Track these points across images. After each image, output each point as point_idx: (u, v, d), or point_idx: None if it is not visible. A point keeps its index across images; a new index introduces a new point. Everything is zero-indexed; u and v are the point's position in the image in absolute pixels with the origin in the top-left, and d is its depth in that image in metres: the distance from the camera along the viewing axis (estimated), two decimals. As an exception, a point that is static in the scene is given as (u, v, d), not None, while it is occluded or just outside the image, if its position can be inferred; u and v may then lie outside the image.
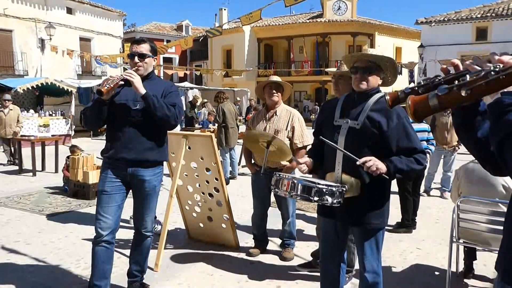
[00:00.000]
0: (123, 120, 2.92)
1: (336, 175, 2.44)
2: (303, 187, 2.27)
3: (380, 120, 2.38)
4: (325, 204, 2.27)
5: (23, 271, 3.76)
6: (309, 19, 30.18)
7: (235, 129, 8.31)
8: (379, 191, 2.45)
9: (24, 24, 20.60)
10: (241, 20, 6.89)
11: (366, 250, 2.48)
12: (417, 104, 1.30)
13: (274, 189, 2.41)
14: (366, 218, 2.43)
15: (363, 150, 2.34)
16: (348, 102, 2.56)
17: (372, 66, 2.44)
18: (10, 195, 6.82)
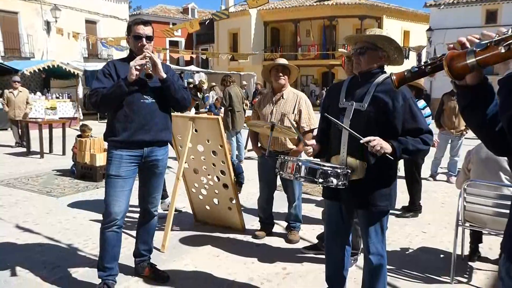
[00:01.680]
0: (137, 102, 2.90)
1: (341, 158, 2.44)
2: (308, 169, 2.28)
3: (385, 101, 2.35)
4: (330, 186, 2.27)
5: (32, 251, 3.82)
6: (316, 2, 29.77)
7: (242, 112, 8.29)
8: (385, 173, 2.43)
9: (29, 6, 20.50)
10: (248, 3, 6.81)
11: (371, 233, 2.48)
12: (454, 60, 1.24)
13: (279, 171, 2.42)
14: (372, 200, 2.42)
15: (369, 132, 2.32)
16: (353, 84, 2.54)
17: (365, 47, 2.42)
18: (18, 176, 6.89)
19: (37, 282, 3.20)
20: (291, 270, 3.50)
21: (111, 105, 2.91)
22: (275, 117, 3.96)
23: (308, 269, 3.52)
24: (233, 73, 22.86)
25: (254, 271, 3.47)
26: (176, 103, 3.06)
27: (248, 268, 3.52)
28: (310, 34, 29.02)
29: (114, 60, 3.11)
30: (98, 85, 2.91)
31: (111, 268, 3.01)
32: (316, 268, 3.51)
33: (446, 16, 22.76)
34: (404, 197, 5.13)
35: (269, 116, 3.99)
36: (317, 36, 29.78)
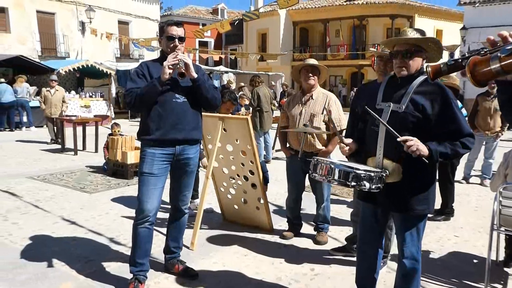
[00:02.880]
0: (169, 101, 2.97)
1: (377, 160, 2.40)
2: (341, 172, 2.24)
3: (424, 103, 2.30)
4: (363, 189, 2.24)
5: (67, 244, 3.95)
6: (346, 1, 29.47)
7: (270, 113, 8.31)
8: (423, 176, 2.37)
9: (65, 7, 21.15)
10: (278, 4, 6.80)
11: (406, 237, 2.43)
12: (477, 66, 1.21)
13: (312, 173, 2.40)
14: (409, 204, 2.37)
15: (406, 134, 2.26)
16: (390, 85, 2.49)
17: (413, 49, 2.35)
18: (54, 172, 7.13)
19: (72, 275, 3.31)
20: (319, 271, 3.49)
21: (145, 105, 2.97)
22: (304, 118, 3.95)
23: (337, 271, 3.50)
24: (262, 73, 22.94)
25: (282, 271, 3.48)
26: (206, 102, 3.12)
27: (276, 268, 3.53)
28: (340, 34, 28.78)
29: (147, 61, 3.18)
30: (132, 85, 2.98)
31: (142, 264, 3.08)
32: (345, 270, 3.49)
33: (481, 14, 22.07)
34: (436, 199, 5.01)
35: (298, 117, 3.99)
36: (346, 36, 29.48)
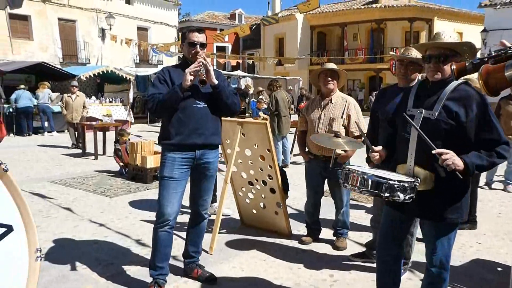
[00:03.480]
0: (190, 107, 2.99)
1: (408, 167, 2.32)
2: (373, 183, 2.18)
3: (457, 110, 2.20)
4: (396, 200, 2.16)
5: (87, 247, 4.00)
6: (363, 5, 29.33)
7: (288, 117, 8.30)
8: (456, 184, 2.27)
9: (86, 14, 21.60)
10: (298, 8, 6.81)
11: (437, 245, 2.35)
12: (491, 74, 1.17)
13: (343, 183, 2.34)
14: (442, 212, 2.30)
15: (438, 142, 2.19)
16: (421, 90, 2.41)
17: (447, 54, 2.26)
18: (75, 176, 7.25)
19: (93, 277, 3.35)
20: (338, 277, 3.45)
21: (166, 110, 3.00)
22: (323, 122, 3.93)
23: (356, 277, 3.46)
24: (279, 77, 22.92)
25: (301, 276, 3.46)
26: (226, 108, 3.14)
27: (294, 274, 3.51)
28: (357, 37, 28.65)
29: (168, 67, 3.21)
30: (154, 91, 3.02)
31: (162, 268, 3.10)
32: (364, 277, 3.44)
33: (502, 17, 21.69)
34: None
35: (317, 121, 3.97)
36: (364, 39, 29.33)
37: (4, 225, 1.65)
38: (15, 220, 1.69)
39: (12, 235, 1.67)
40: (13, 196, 1.69)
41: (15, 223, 1.69)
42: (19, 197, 1.71)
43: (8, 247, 1.66)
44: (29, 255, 1.76)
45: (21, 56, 18.88)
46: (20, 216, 1.71)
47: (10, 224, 1.67)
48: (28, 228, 1.74)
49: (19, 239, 1.72)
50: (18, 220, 1.70)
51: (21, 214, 1.72)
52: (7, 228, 1.67)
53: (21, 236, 1.72)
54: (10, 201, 1.68)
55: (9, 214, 1.68)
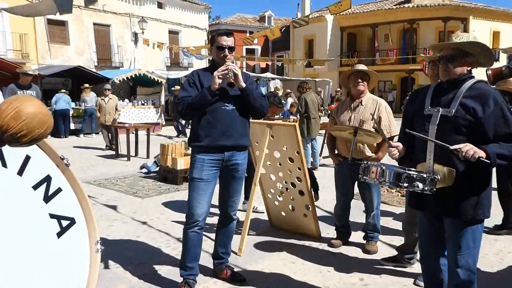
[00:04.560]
0: (219, 109, 3.04)
1: (428, 165, 2.33)
2: (392, 173, 2.22)
3: (474, 107, 2.23)
4: (416, 190, 2.19)
5: (120, 247, 4.10)
6: (395, 5, 28.80)
7: (317, 119, 8.25)
8: (476, 180, 2.28)
9: (120, 19, 22.18)
10: (329, 10, 6.75)
11: (462, 244, 2.31)
12: None
13: (362, 176, 2.38)
14: (461, 208, 2.28)
15: (457, 139, 2.21)
16: (438, 90, 2.45)
17: (455, 54, 2.31)
18: (108, 177, 7.45)
19: (125, 276, 3.44)
20: (368, 281, 3.41)
21: (196, 113, 3.06)
22: (353, 124, 3.90)
23: (387, 282, 3.40)
24: (308, 79, 22.84)
25: (330, 279, 3.43)
26: (254, 110, 3.17)
27: (324, 277, 3.49)
28: (389, 38, 28.14)
29: (198, 70, 3.26)
30: (184, 94, 3.08)
31: (192, 268, 3.15)
32: (396, 281, 3.39)
33: (543, 15, 20.86)
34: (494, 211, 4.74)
35: (347, 123, 3.94)
36: (396, 40, 28.78)
37: (67, 217, 1.74)
38: (77, 213, 1.78)
39: (74, 228, 1.76)
40: (75, 190, 1.77)
41: (77, 216, 1.78)
42: (80, 191, 1.80)
43: (71, 239, 1.74)
44: (90, 247, 1.84)
45: (58, 60, 19.57)
46: (82, 210, 1.80)
47: (72, 217, 1.76)
48: (88, 221, 1.82)
49: (81, 231, 1.80)
50: (79, 213, 1.79)
51: (82, 207, 1.80)
52: (70, 221, 1.75)
53: (83, 228, 1.80)
54: (72, 195, 1.77)
55: (72, 207, 1.77)
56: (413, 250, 3.59)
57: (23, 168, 1.60)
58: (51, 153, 1.70)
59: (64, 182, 1.74)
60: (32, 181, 1.62)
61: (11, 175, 1.57)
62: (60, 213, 1.71)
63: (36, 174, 1.64)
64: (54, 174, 1.71)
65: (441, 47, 2.43)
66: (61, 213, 1.72)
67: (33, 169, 1.59)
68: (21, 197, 1.58)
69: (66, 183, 1.75)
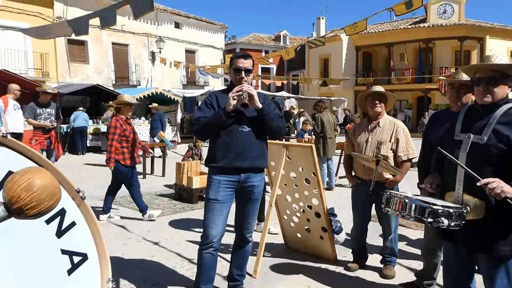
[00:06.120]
0: (235, 130, 3.04)
1: (457, 195, 2.22)
2: (416, 208, 2.11)
3: (508, 134, 2.10)
4: (441, 226, 2.07)
5: (134, 266, 4.09)
6: (411, 24, 28.83)
7: (333, 139, 8.22)
8: (508, 214, 2.11)
9: (138, 38, 22.63)
10: (345, 31, 6.80)
11: (496, 281, 2.19)
12: None
13: (385, 207, 2.30)
14: (493, 244, 2.14)
15: (488, 168, 2.10)
16: (470, 114, 2.32)
17: (498, 76, 2.18)
18: (124, 195, 7.45)
19: (139, 297, 3.41)
20: (386, 307, 3.32)
21: (210, 133, 3.09)
22: (370, 146, 3.86)
23: (406, 308, 3.31)
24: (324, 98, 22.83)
25: (347, 305, 3.36)
26: (271, 131, 3.17)
27: (340, 302, 3.41)
28: (405, 57, 28.10)
29: (216, 91, 3.29)
30: (200, 114, 3.11)
31: (206, 290, 3.11)
32: (415, 308, 3.29)
33: (562, 35, 20.61)
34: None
35: (364, 144, 3.91)
36: (411, 59, 28.71)
37: (80, 253, 1.67)
38: (90, 249, 1.71)
39: (86, 264, 1.69)
40: (89, 224, 1.72)
41: (89, 251, 1.71)
42: (94, 225, 1.73)
43: (82, 276, 1.66)
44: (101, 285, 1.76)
45: (77, 78, 19.98)
46: (95, 245, 1.73)
47: (85, 253, 1.69)
48: (101, 257, 1.75)
49: (93, 268, 1.72)
50: (92, 248, 1.72)
51: (95, 242, 1.74)
52: (82, 257, 1.68)
53: (95, 265, 1.73)
54: (86, 229, 1.71)
55: (85, 242, 1.70)
56: (432, 276, 3.50)
57: None
58: (67, 185, 1.66)
59: (78, 216, 1.69)
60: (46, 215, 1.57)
61: None
62: (72, 248, 1.65)
63: None
64: (69, 207, 1.66)
65: (478, 69, 2.27)
66: (73, 248, 1.66)
67: None
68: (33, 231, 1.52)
69: (80, 217, 1.70)
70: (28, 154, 1.56)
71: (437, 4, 27.45)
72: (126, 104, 5.70)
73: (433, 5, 27.52)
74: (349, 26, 6.87)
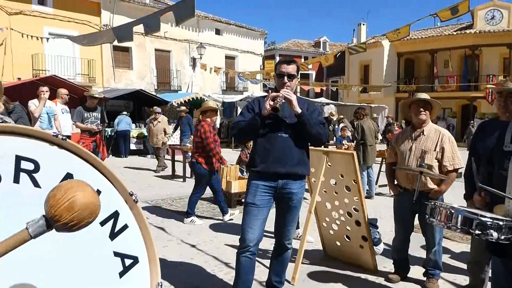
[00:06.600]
0: (274, 136, 3.06)
1: (507, 208, 2.12)
2: (463, 219, 2.03)
3: None
4: (490, 239, 1.98)
5: (175, 269, 4.16)
6: (456, 30, 27.95)
7: (374, 146, 8.07)
8: None
9: (179, 45, 23.16)
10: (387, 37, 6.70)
11: None
12: None
13: (429, 218, 2.23)
14: None
15: None
16: None
17: None
18: (165, 197, 7.65)
19: (179, 299, 3.47)
20: (429, 321, 3.22)
21: (247, 137, 3.18)
22: (414, 154, 3.77)
23: (450, 324, 3.20)
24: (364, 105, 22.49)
25: (388, 317, 3.28)
26: (311, 138, 3.14)
27: (381, 313, 3.34)
28: (449, 64, 27.20)
29: (259, 97, 3.33)
30: (240, 118, 3.17)
31: (243, 295, 3.12)
32: (460, 324, 3.17)
33: None
34: None
35: (407, 153, 3.81)
36: (456, 66, 27.77)
37: (131, 256, 1.66)
38: (141, 252, 1.70)
39: (137, 267, 1.68)
40: (141, 228, 1.72)
41: (140, 255, 1.70)
42: (145, 229, 1.73)
43: (132, 279, 1.66)
44: None
45: (121, 84, 20.67)
46: (146, 248, 1.73)
47: (136, 256, 1.68)
48: (151, 261, 1.73)
49: (143, 271, 1.71)
50: (143, 252, 1.72)
51: (146, 246, 1.73)
52: (134, 260, 1.67)
53: (145, 268, 1.72)
54: (138, 232, 1.71)
55: (136, 245, 1.70)
56: (479, 292, 3.37)
57: None
58: (120, 188, 1.68)
59: (131, 219, 1.70)
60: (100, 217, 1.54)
61: None
62: (124, 251, 1.65)
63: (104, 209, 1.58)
64: (122, 210, 1.67)
65: None
66: (125, 251, 1.66)
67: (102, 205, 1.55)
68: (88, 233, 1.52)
69: (132, 219, 1.70)
70: (86, 156, 1.60)
71: (485, 10, 26.50)
72: (212, 110, 6.13)
73: (480, 10, 26.59)
74: (391, 32, 6.76)
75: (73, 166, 1.55)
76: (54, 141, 1.53)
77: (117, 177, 1.67)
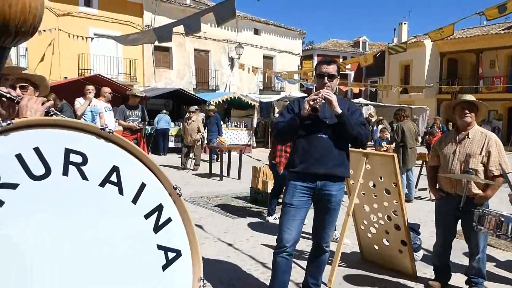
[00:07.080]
0: (314, 136, 3.05)
1: None
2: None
3: None
4: None
5: (212, 266, 4.22)
6: (503, 29, 26.72)
7: (414, 149, 7.86)
8: None
9: (218, 45, 23.39)
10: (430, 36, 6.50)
11: None
12: None
13: (477, 226, 2.16)
14: None
15: None
16: None
17: None
18: (202, 195, 7.76)
19: (216, 296, 3.52)
20: (472, 331, 3.11)
21: (287, 137, 3.18)
22: (458, 158, 3.65)
23: (494, 335, 3.08)
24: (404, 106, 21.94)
25: (428, 324, 3.19)
26: (351, 139, 3.11)
27: (420, 320, 3.26)
28: (495, 64, 26.08)
29: (299, 98, 3.32)
30: (280, 119, 3.18)
31: (280, 295, 3.12)
32: (504, 335, 3.05)
33: None
34: None
35: (451, 156, 3.70)
36: (503, 67, 26.57)
37: (174, 249, 1.67)
38: (184, 246, 1.71)
39: (179, 261, 1.68)
40: (184, 221, 1.73)
41: (183, 248, 1.71)
42: (189, 223, 1.73)
43: (175, 273, 1.67)
44: (192, 284, 1.73)
45: (161, 83, 21.12)
46: (189, 242, 1.73)
47: (179, 249, 1.69)
48: (194, 255, 1.74)
49: (186, 265, 1.71)
50: (186, 245, 1.72)
51: (189, 240, 1.74)
52: (177, 253, 1.68)
53: (188, 262, 1.72)
54: (181, 226, 1.72)
55: (179, 239, 1.71)
56: (526, 303, 3.22)
57: (137, 196, 1.59)
58: (165, 181, 1.69)
59: (174, 212, 1.70)
60: (144, 210, 1.57)
61: (126, 203, 1.56)
62: (167, 244, 1.66)
63: (149, 202, 1.61)
64: (166, 203, 1.67)
65: None
66: (168, 244, 1.66)
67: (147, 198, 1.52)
68: (133, 225, 1.55)
69: (176, 213, 1.71)
70: (132, 149, 1.63)
71: (536, 7, 25.21)
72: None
73: (531, 8, 25.32)
74: (434, 31, 6.55)
75: (119, 159, 1.57)
76: (101, 134, 1.55)
77: (161, 170, 1.68)
